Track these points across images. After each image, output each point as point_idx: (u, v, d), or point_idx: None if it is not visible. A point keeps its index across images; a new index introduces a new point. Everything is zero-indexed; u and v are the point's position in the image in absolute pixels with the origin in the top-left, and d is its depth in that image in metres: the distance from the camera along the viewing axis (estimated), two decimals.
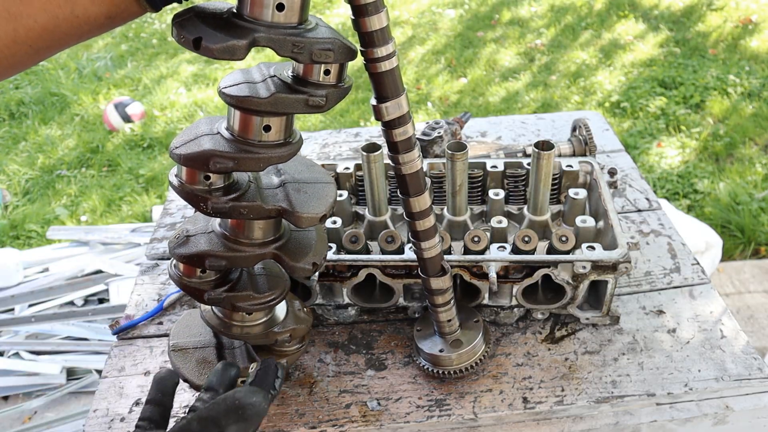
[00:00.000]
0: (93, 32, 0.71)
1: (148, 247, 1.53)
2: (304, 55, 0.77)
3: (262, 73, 0.84)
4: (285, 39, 0.75)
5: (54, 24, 0.67)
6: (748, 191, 3.49)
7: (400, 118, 0.88)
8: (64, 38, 0.69)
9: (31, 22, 0.66)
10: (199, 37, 0.72)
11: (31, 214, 4.00)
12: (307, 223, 0.90)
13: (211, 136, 0.85)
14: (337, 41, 0.78)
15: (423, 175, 0.95)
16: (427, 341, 1.15)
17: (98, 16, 0.68)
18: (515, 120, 1.92)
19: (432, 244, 1.00)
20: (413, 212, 0.96)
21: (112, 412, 1.14)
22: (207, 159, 0.82)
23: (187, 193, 0.88)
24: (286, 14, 0.75)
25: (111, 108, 4.84)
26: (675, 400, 1.10)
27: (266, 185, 0.94)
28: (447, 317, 1.10)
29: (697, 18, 5.46)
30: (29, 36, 0.67)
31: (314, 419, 1.10)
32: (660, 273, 1.35)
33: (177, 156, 0.85)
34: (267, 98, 0.79)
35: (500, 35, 5.64)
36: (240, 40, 0.72)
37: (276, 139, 0.85)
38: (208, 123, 0.89)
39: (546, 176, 1.24)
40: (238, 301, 0.97)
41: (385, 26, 0.81)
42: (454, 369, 1.11)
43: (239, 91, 0.80)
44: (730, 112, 4.22)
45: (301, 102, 0.81)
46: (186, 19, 0.74)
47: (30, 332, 2.95)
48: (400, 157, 0.91)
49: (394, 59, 0.84)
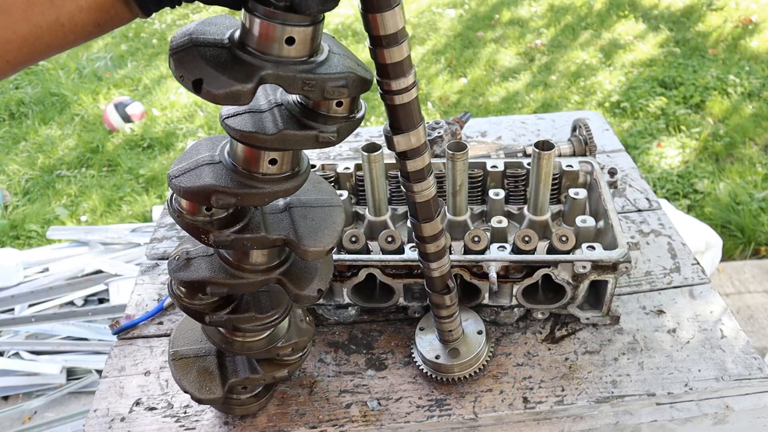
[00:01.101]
0: (78, 41, 0.65)
1: (148, 247, 1.53)
2: (316, 92, 0.70)
3: (268, 99, 0.77)
4: (295, 77, 0.68)
5: (36, 35, 0.61)
6: (748, 191, 3.49)
7: (412, 150, 0.83)
8: (46, 49, 0.63)
9: (9, 34, 0.60)
10: (200, 79, 0.64)
11: (31, 214, 4.00)
12: (313, 257, 0.85)
13: (212, 167, 0.79)
14: (351, 75, 0.71)
15: (435, 202, 0.89)
16: (426, 343, 1.15)
17: (86, 24, 0.63)
18: (515, 120, 1.92)
19: (441, 265, 0.98)
20: (424, 236, 0.93)
21: (112, 412, 1.14)
22: (208, 195, 0.76)
23: (187, 224, 0.83)
24: (296, 48, 0.68)
25: (111, 108, 4.83)
26: (675, 400, 1.10)
27: (270, 208, 0.89)
28: (449, 328, 1.10)
29: (697, 18, 5.46)
30: (6, 49, 0.61)
31: (314, 419, 1.10)
32: (660, 273, 1.35)
33: (177, 188, 0.79)
34: (273, 135, 0.72)
35: (500, 35, 5.64)
36: (245, 85, 0.65)
37: (282, 172, 0.78)
38: (209, 146, 0.83)
39: (546, 176, 1.24)
40: (240, 323, 0.94)
41: (404, 58, 0.73)
42: (449, 376, 1.11)
43: (243, 124, 0.73)
44: (730, 112, 4.22)
45: (310, 138, 0.74)
46: (184, 53, 0.66)
47: (30, 332, 2.95)
48: (412, 185, 0.87)
49: (413, 91, 0.77)
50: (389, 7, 0.69)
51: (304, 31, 0.67)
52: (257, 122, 0.73)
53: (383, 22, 0.70)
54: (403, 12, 0.71)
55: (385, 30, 0.71)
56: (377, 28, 0.71)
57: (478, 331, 1.15)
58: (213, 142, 0.84)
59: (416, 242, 0.95)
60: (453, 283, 1.02)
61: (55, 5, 0.60)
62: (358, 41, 5.67)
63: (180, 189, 0.78)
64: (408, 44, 0.74)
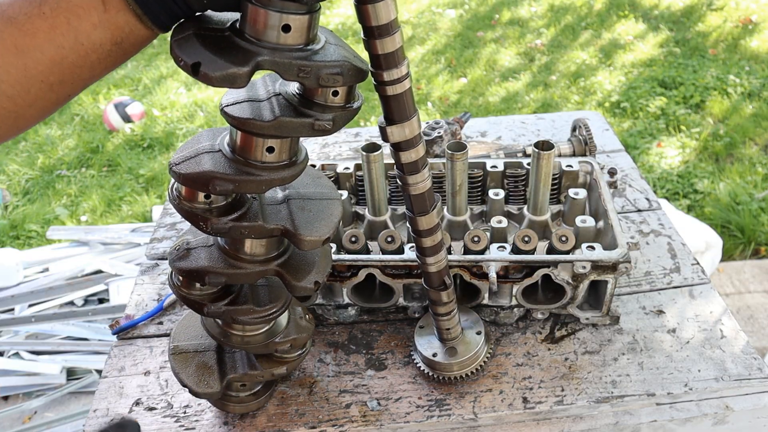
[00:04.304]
0: (104, 62, 0.69)
1: (148, 247, 1.53)
2: (311, 80, 0.72)
3: (267, 89, 0.79)
4: (290, 63, 0.70)
5: (61, 55, 0.66)
6: (748, 191, 3.49)
7: (406, 141, 0.84)
8: (75, 70, 0.68)
9: (39, 55, 0.66)
10: (198, 62, 0.67)
11: (31, 214, 4.00)
12: (309, 246, 0.87)
13: (212, 155, 0.81)
14: (346, 64, 0.73)
15: (431, 195, 0.90)
16: (425, 341, 1.15)
17: (104, 43, 0.67)
18: (515, 120, 1.92)
19: (437, 260, 0.98)
20: (420, 230, 0.93)
21: (112, 412, 1.14)
22: (207, 181, 0.78)
23: (186, 211, 0.85)
24: (292, 36, 0.70)
25: (111, 108, 4.83)
26: (675, 400, 1.10)
27: (269, 200, 0.90)
28: (447, 326, 1.10)
29: (697, 18, 5.46)
30: (38, 69, 0.66)
31: (314, 419, 1.10)
32: (660, 273, 1.35)
33: (176, 175, 0.81)
34: (270, 122, 0.75)
35: (500, 35, 5.64)
36: (241, 68, 0.67)
37: (279, 160, 0.80)
38: (210, 137, 0.85)
39: (546, 176, 1.24)
40: (238, 314, 0.95)
41: (396, 49, 0.75)
42: (447, 375, 1.11)
43: (241, 112, 0.76)
44: (730, 112, 4.22)
45: (306, 126, 0.76)
46: (184, 39, 0.70)
47: (30, 332, 2.95)
48: (406, 177, 0.88)
49: (405, 82, 0.78)
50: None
51: (300, 19, 0.70)
52: (255, 110, 0.76)
53: (376, 13, 0.72)
54: (396, 3, 0.73)
55: (377, 20, 0.73)
56: (370, 19, 0.73)
57: (477, 332, 1.15)
58: (214, 133, 0.86)
59: (413, 237, 0.96)
60: (450, 280, 1.02)
61: (72, 26, 0.66)
62: (358, 41, 5.65)
63: (180, 175, 0.80)
64: (401, 35, 0.75)
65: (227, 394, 1.08)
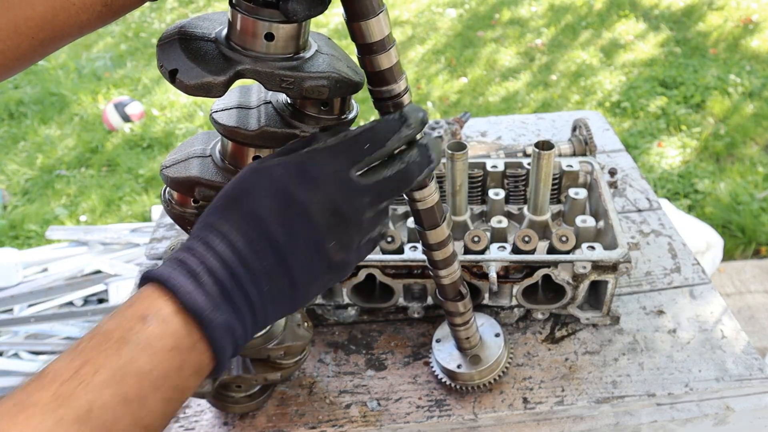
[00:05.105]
0: (93, 22, 0.69)
1: (147, 247, 1.53)
2: (294, 91, 0.69)
3: (258, 96, 0.78)
4: (273, 73, 0.68)
5: (52, 13, 0.66)
6: (749, 191, 3.48)
7: None
8: (64, 28, 0.68)
9: (30, 11, 0.66)
10: (175, 69, 0.65)
11: (30, 214, 3.99)
12: None
13: (202, 159, 0.80)
14: (333, 75, 0.70)
15: (439, 208, 0.87)
16: (445, 355, 1.12)
17: (94, 3, 0.67)
18: (515, 120, 1.91)
19: (451, 272, 0.95)
20: (431, 243, 0.90)
21: None
22: (192, 186, 0.78)
23: (176, 214, 0.84)
24: (276, 45, 0.68)
25: (110, 108, 4.83)
26: (675, 401, 1.10)
27: None
28: (466, 335, 1.07)
29: (698, 18, 5.45)
30: (29, 26, 0.66)
31: (314, 419, 1.10)
32: (660, 273, 1.34)
33: (165, 177, 0.80)
34: (254, 131, 0.73)
35: (500, 35, 5.64)
36: (217, 77, 0.65)
37: None
38: (204, 140, 0.84)
39: (546, 176, 1.23)
40: None
41: (393, 64, 0.72)
42: (474, 384, 1.10)
43: (228, 119, 0.74)
44: (731, 112, 4.22)
45: (291, 137, 0.74)
46: (168, 44, 0.68)
47: (29, 332, 2.94)
48: (413, 193, 0.84)
49: (405, 97, 0.75)
50: (374, 15, 0.68)
51: (285, 28, 0.67)
52: (242, 118, 0.74)
53: (369, 30, 0.69)
54: (388, 17, 0.70)
55: (371, 38, 0.69)
56: (363, 36, 0.70)
57: (496, 334, 1.13)
58: (209, 136, 0.85)
59: (423, 250, 0.93)
60: (466, 289, 0.99)
61: None
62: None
63: (168, 178, 0.80)
64: (396, 50, 0.72)
65: (226, 394, 1.08)
